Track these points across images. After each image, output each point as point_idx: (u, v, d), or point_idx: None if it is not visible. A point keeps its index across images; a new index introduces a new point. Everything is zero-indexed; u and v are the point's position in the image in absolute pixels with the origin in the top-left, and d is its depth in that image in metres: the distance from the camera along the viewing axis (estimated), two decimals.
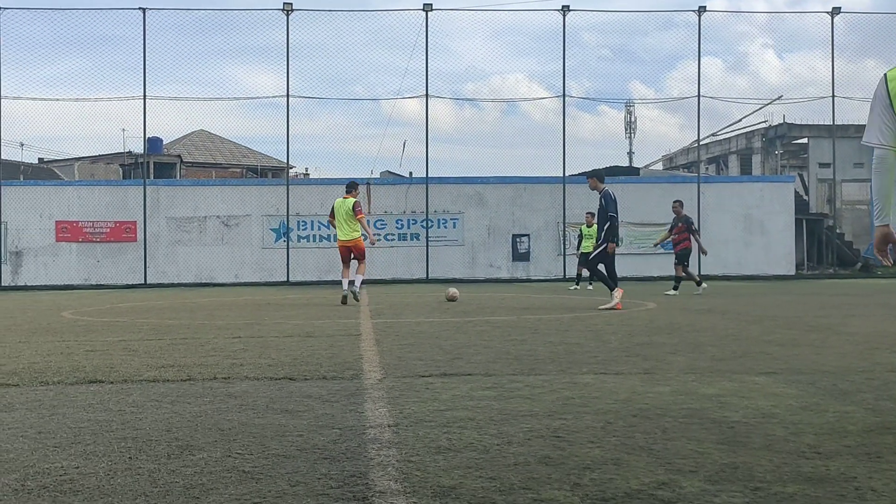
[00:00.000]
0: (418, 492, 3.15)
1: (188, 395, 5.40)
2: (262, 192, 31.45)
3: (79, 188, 31.85)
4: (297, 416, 4.64)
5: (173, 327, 10.80)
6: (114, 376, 6.25)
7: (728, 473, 3.36)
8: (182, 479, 3.39)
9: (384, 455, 3.71)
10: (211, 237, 30.61)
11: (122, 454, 3.82)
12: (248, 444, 3.96)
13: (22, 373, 6.50)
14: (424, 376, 6.05)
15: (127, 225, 30.42)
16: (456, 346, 7.99)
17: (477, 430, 4.21)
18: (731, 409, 4.70)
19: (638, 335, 9.00)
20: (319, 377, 6.07)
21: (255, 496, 3.13)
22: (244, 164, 49.36)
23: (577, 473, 3.38)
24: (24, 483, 3.35)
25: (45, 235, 30.22)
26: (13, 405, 5.12)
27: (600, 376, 5.99)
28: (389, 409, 4.77)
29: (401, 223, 30.97)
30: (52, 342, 8.97)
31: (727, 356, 7.04)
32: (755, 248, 31.56)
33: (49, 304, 17.46)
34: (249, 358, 7.25)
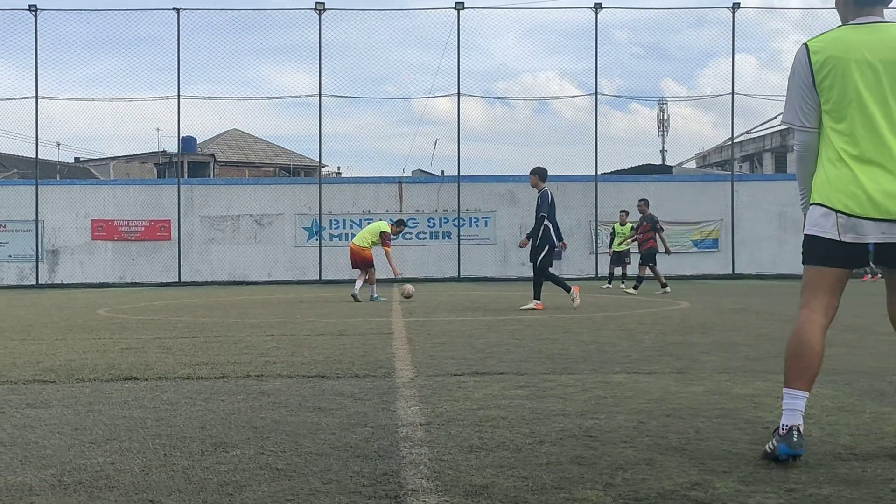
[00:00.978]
0: (450, 490, 3.15)
1: (222, 392, 5.44)
2: (295, 191, 31.57)
3: (114, 187, 32.16)
4: (330, 414, 4.66)
5: (207, 325, 10.88)
6: (148, 374, 6.30)
7: (762, 474, 3.34)
8: (216, 475, 3.41)
9: (416, 453, 3.72)
10: (244, 236, 30.78)
11: (156, 451, 3.85)
12: (282, 442, 3.98)
13: (59, 370, 6.58)
14: (456, 375, 6.05)
15: (161, 224, 30.67)
16: (488, 345, 7.98)
17: (509, 429, 4.21)
18: (765, 409, 4.66)
19: (671, 334, 8.94)
20: (352, 375, 6.09)
21: (287, 494, 3.15)
22: (277, 164, 49.62)
23: (609, 473, 3.37)
24: (60, 479, 3.40)
25: (81, 234, 30.54)
26: (50, 402, 5.18)
27: (633, 376, 5.96)
28: (421, 408, 4.78)
29: (432, 222, 30.97)
30: (87, 339, 9.07)
31: (761, 356, 6.98)
32: (790, 247, 31.18)
33: (85, 302, 17.66)
34: (282, 356, 7.28)
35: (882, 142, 3.60)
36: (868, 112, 3.63)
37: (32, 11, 29.43)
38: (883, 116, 3.63)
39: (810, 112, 3.75)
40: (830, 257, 3.68)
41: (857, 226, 3.58)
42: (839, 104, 3.67)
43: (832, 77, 3.67)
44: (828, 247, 3.67)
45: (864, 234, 3.58)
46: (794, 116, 3.81)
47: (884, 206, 3.54)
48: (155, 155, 44.69)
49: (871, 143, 3.61)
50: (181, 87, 30.03)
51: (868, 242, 3.60)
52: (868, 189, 3.56)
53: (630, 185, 31.42)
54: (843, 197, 3.61)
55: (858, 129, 3.63)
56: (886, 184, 3.56)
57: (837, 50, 3.68)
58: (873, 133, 3.61)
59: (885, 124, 3.62)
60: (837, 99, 3.67)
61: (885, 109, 3.63)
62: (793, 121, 3.81)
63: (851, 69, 3.65)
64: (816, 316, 3.68)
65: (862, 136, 3.62)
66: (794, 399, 3.57)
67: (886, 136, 3.61)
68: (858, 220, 3.56)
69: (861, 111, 3.63)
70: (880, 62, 3.64)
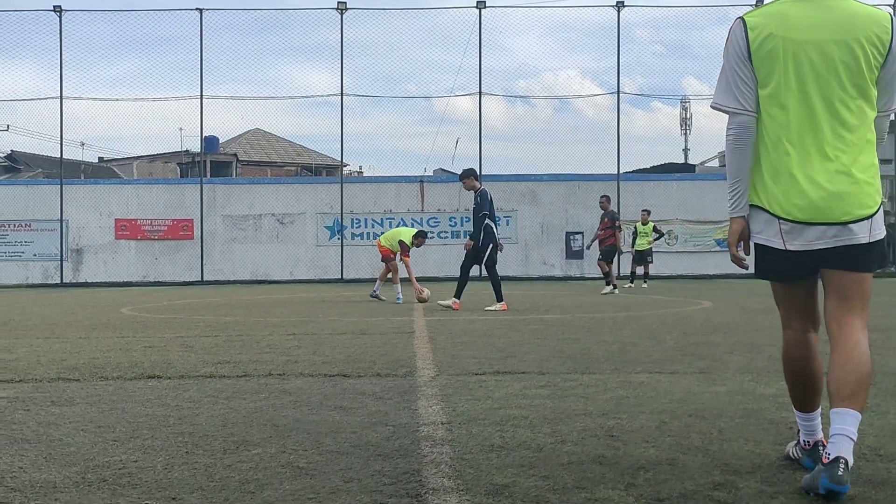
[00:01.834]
0: (471, 489, 3.14)
1: (244, 391, 5.46)
2: (317, 191, 31.66)
3: (137, 187, 32.38)
4: (351, 412, 4.67)
5: (229, 324, 10.93)
6: (171, 372, 6.34)
7: (786, 475, 3.31)
8: (238, 473, 3.42)
9: (437, 452, 3.72)
10: (266, 235, 30.90)
11: (179, 449, 3.87)
12: (303, 441, 3.99)
13: (82, 368, 6.63)
14: (478, 374, 6.05)
15: (184, 223, 30.83)
16: (509, 345, 7.97)
17: (530, 428, 4.20)
18: (789, 409, 4.60)
19: (694, 334, 8.90)
20: (373, 374, 6.10)
21: (309, 492, 3.15)
22: (299, 163, 49.74)
23: (631, 473, 3.35)
24: (84, 476, 3.42)
25: (105, 233, 30.75)
26: (74, 399, 5.22)
27: (655, 376, 5.93)
28: (443, 407, 4.78)
29: (454, 221, 30.96)
30: (111, 338, 9.13)
31: None
32: None
33: (108, 301, 17.77)
34: (304, 355, 7.30)
35: (822, 136, 3.20)
36: (809, 102, 3.21)
37: (57, 12, 29.66)
38: (825, 107, 3.21)
39: (748, 93, 3.29)
40: (782, 269, 3.32)
41: (803, 232, 3.20)
42: (777, 90, 3.24)
43: (770, 59, 3.23)
44: (777, 257, 3.30)
45: (812, 241, 3.20)
46: (729, 98, 3.32)
47: (828, 209, 3.16)
48: (178, 154, 44.92)
49: (812, 137, 3.21)
50: (204, 86, 30.19)
51: (817, 249, 3.21)
52: (810, 191, 3.17)
53: (652, 184, 31.32)
54: (784, 201, 3.21)
55: (798, 120, 3.21)
56: (829, 184, 3.16)
57: (778, 27, 3.23)
58: (813, 125, 3.21)
59: (826, 116, 3.21)
60: (775, 84, 3.24)
61: (827, 99, 3.21)
62: (726, 102, 3.33)
63: (792, 50, 3.21)
64: (800, 334, 3.39)
65: (802, 128, 3.21)
66: (808, 420, 3.42)
67: (826, 130, 3.20)
68: (804, 226, 3.19)
69: (802, 100, 3.21)
70: (825, 43, 3.20)
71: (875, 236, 3.21)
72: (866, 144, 3.23)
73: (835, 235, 3.18)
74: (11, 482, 3.34)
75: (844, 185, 3.17)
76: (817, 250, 3.22)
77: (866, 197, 3.19)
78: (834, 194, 3.16)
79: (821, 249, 3.22)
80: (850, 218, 3.17)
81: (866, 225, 3.20)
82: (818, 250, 3.22)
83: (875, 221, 3.21)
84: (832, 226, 3.17)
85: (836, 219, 3.17)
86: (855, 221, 3.18)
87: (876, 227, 3.22)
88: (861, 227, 3.19)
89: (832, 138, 3.19)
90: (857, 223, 3.18)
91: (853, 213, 3.17)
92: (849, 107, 3.21)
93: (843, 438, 2.98)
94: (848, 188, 3.17)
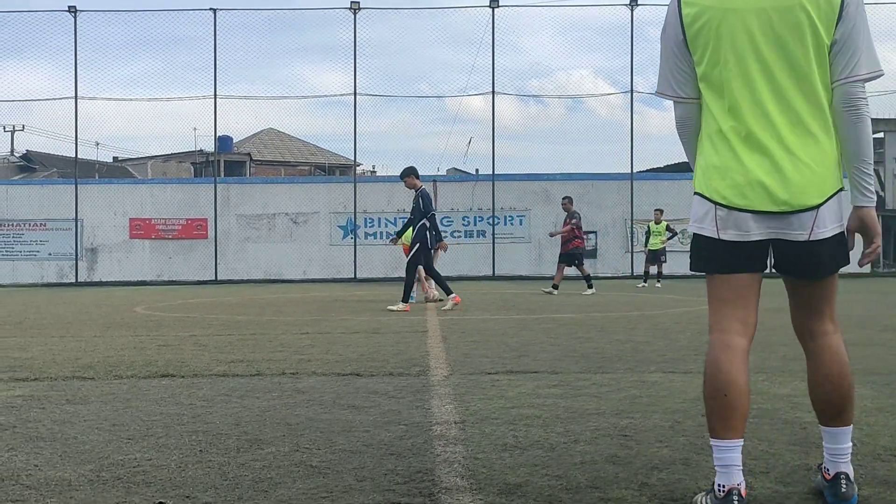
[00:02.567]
0: (484, 489, 3.14)
1: (257, 389, 5.47)
2: (330, 190, 31.69)
3: (151, 186, 32.49)
4: (364, 411, 4.67)
5: (242, 323, 10.96)
6: (185, 371, 6.36)
7: (800, 475, 3.30)
8: (251, 472, 3.43)
9: (450, 452, 3.72)
10: (280, 234, 30.95)
11: (192, 447, 3.88)
12: (316, 439, 4.00)
13: (97, 366, 6.66)
14: (491, 373, 6.05)
15: (198, 222, 30.92)
16: (522, 344, 7.96)
17: (543, 427, 4.19)
18: (803, 409, 4.59)
19: (707, 333, 8.87)
20: (386, 373, 6.10)
21: (322, 490, 3.16)
22: (312, 162, 49.83)
23: (644, 473, 3.35)
24: (99, 474, 3.43)
25: (120, 232, 30.86)
26: (89, 398, 5.24)
27: (668, 375, 5.91)
28: (455, 406, 4.78)
29: (467, 220, 30.96)
30: (125, 337, 9.17)
31: (799, 356, 6.84)
32: None
33: (123, 300, 17.84)
34: (317, 354, 7.31)
35: (766, 116, 2.86)
36: (750, 78, 2.87)
37: (72, 13, 29.77)
38: (767, 83, 2.87)
39: (685, 79, 3.01)
40: (715, 261, 2.96)
41: (738, 220, 2.87)
42: (715, 68, 2.91)
43: (705, 34, 2.91)
44: (710, 248, 2.96)
45: (748, 231, 2.86)
46: (667, 86, 3.05)
47: (767, 196, 2.83)
48: (192, 154, 45.06)
49: (755, 117, 2.87)
50: (218, 86, 30.23)
51: (752, 240, 2.88)
52: (750, 175, 2.84)
53: (666, 183, 31.19)
54: (722, 185, 2.89)
55: (739, 99, 2.88)
56: (770, 169, 2.83)
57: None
58: (756, 104, 2.87)
59: (769, 94, 2.87)
60: (712, 61, 2.92)
61: (768, 75, 2.86)
62: (665, 90, 3.07)
63: (730, 23, 2.88)
64: (731, 338, 2.98)
65: (744, 108, 2.88)
66: (725, 451, 2.86)
67: (770, 109, 2.86)
68: (740, 214, 2.86)
69: (742, 77, 2.87)
70: (767, 11, 2.85)
71: (819, 234, 2.83)
72: (816, 123, 2.85)
73: (772, 227, 2.84)
74: (27, 480, 3.36)
75: (788, 170, 2.82)
76: (754, 243, 2.88)
77: (812, 185, 2.81)
78: (775, 179, 2.82)
79: (758, 242, 2.88)
80: (789, 208, 2.82)
81: (808, 218, 2.82)
82: (755, 243, 2.89)
83: (823, 215, 2.82)
84: (770, 215, 2.83)
85: (775, 207, 2.82)
86: (795, 212, 2.82)
87: (823, 221, 2.83)
88: (803, 220, 2.82)
89: (777, 117, 2.85)
90: (798, 214, 2.82)
91: (794, 202, 2.81)
92: (797, 81, 2.85)
93: (838, 454, 2.97)
94: (792, 174, 2.82)
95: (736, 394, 2.88)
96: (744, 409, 2.90)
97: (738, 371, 2.92)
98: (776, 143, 2.84)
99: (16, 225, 30.61)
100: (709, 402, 2.93)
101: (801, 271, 2.96)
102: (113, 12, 45.82)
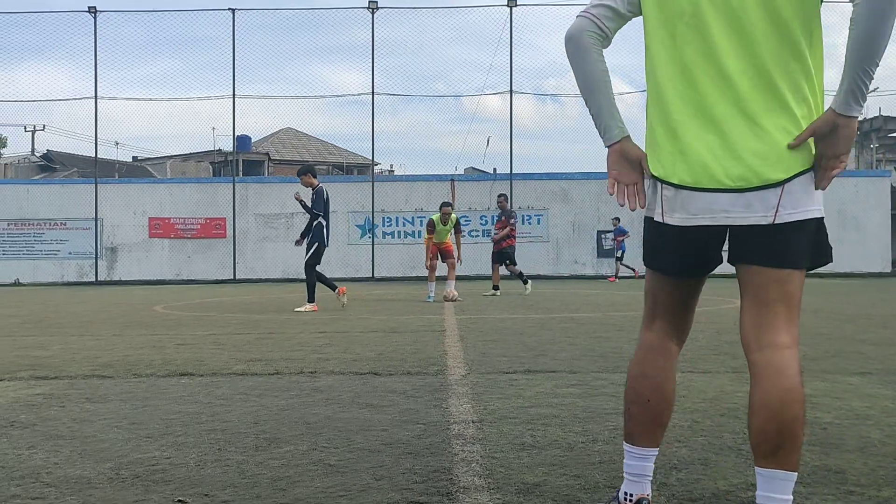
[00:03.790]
0: (502, 488, 3.14)
1: (275, 388, 5.49)
2: (348, 189, 31.75)
3: (170, 186, 32.65)
4: (382, 410, 4.67)
5: (260, 322, 10.99)
6: (203, 369, 6.38)
7: (820, 476, 3.27)
8: (269, 471, 3.44)
9: (468, 451, 3.71)
10: (298, 233, 31.04)
11: (211, 445, 3.89)
12: (334, 438, 4.00)
13: (116, 365, 6.69)
14: (508, 373, 6.03)
15: (217, 221, 31.05)
16: (540, 343, 7.94)
17: (561, 427, 4.18)
18: (823, 409, 4.57)
19: (726, 333, 8.82)
20: (404, 372, 6.10)
21: (340, 489, 3.16)
22: (330, 162, 49.92)
23: (663, 473, 3.33)
24: (118, 472, 3.45)
25: (139, 232, 31.04)
26: (108, 396, 5.27)
27: (687, 374, 5.89)
28: (473, 406, 4.77)
29: (485, 219, 30.94)
30: (144, 335, 9.21)
31: (819, 356, 6.85)
32: (849, 245, 30.67)
33: (142, 299, 17.93)
34: (334, 353, 7.32)
35: (725, 77, 2.41)
36: (707, 33, 2.43)
37: (92, 13, 29.96)
38: (726, 37, 2.41)
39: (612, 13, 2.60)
40: (664, 255, 2.59)
41: (687, 201, 2.45)
42: (664, 18, 2.52)
43: None
44: (655, 234, 2.58)
45: (696, 214, 2.43)
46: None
47: (721, 169, 2.39)
48: (210, 153, 45.26)
49: (710, 78, 2.43)
50: (236, 86, 30.38)
51: (701, 225, 2.44)
52: (699, 145, 2.42)
53: None
54: (668, 158, 2.48)
55: (692, 56, 2.45)
56: (725, 136, 2.40)
57: None
58: (712, 64, 2.43)
59: (729, 50, 2.41)
60: (659, 6, 2.53)
61: (731, 26, 2.41)
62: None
63: None
64: (663, 340, 2.67)
65: (697, 67, 2.45)
66: (639, 460, 2.62)
67: (731, 70, 2.40)
68: (688, 193, 2.44)
69: (696, 30, 2.45)
70: None
71: (786, 216, 2.38)
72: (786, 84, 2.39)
73: (726, 209, 2.40)
74: (47, 477, 3.38)
75: (747, 138, 2.38)
76: (707, 231, 2.46)
77: (776, 157, 2.36)
78: (730, 150, 2.39)
79: (711, 231, 2.46)
80: (746, 184, 2.37)
81: (773, 197, 2.37)
82: (708, 232, 2.46)
83: (791, 195, 2.38)
84: (723, 193, 2.40)
85: (731, 183, 2.38)
86: (755, 189, 2.37)
87: (792, 202, 2.38)
88: (765, 199, 2.38)
89: (739, 79, 2.41)
90: (760, 192, 2.37)
91: (752, 178, 2.37)
92: (760, 25, 2.39)
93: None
94: (752, 142, 2.38)
95: (660, 401, 2.60)
96: (665, 418, 2.62)
97: (665, 377, 2.62)
98: (734, 109, 2.40)
99: (36, 224, 30.84)
100: (629, 406, 2.64)
101: (761, 255, 2.43)
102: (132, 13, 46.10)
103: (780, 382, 2.37)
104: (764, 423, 2.37)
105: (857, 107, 2.33)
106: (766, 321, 2.44)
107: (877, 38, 2.26)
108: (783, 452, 2.34)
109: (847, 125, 2.34)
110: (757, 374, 2.44)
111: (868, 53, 2.28)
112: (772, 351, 2.42)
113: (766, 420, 2.37)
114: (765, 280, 2.44)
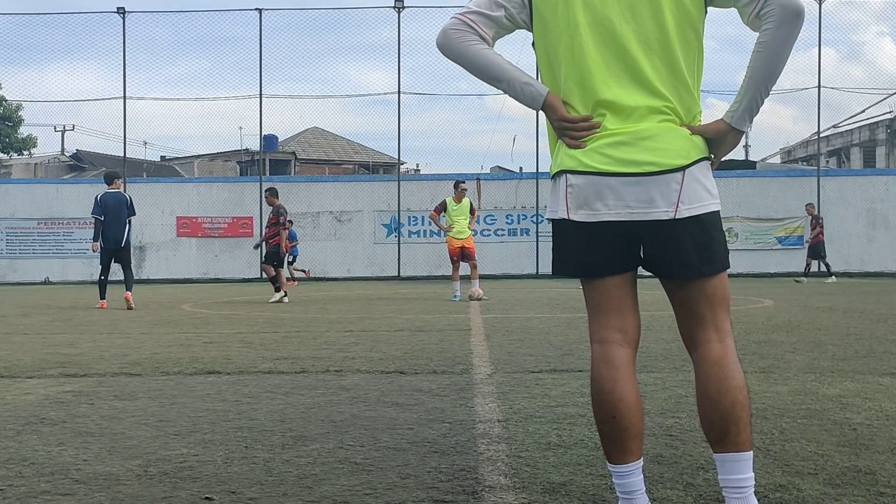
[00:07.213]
0: (528, 487, 3.13)
1: (301, 386, 5.50)
2: (374, 188, 31.81)
3: (198, 185, 32.85)
4: (408, 409, 4.68)
5: (287, 320, 11.03)
6: (230, 367, 6.41)
7: (850, 477, 3.24)
8: (296, 468, 3.45)
9: (494, 450, 3.71)
10: (324, 232, 31.13)
11: (238, 443, 3.91)
12: (360, 437, 4.01)
13: (144, 363, 6.74)
14: (534, 372, 6.02)
15: (244, 220, 31.20)
16: (566, 342, 7.92)
17: (587, 426, 4.17)
18: (853, 410, 4.52)
19: (755, 333, 8.76)
20: (430, 371, 6.10)
21: (366, 488, 3.16)
22: (356, 161, 50.04)
23: (690, 473, 3.31)
24: (146, 469, 3.47)
25: (167, 231, 31.25)
26: (136, 394, 5.31)
27: None
28: (499, 405, 4.77)
29: (511, 218, 30.90)
30: (172, 333, 9.27)
31: (850, 356, 6.79)
32: (880, 244, 30.35)
33: (170, 297, 18.05)
34: (361, 351, 7.34)
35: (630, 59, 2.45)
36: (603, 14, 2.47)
37: (121, 14, 30.18)
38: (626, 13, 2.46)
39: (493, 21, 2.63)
40: (575, 258, 2.54)
41: (588, 194, 2.43)
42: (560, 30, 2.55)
43: None
44: (563, 235, 2.55)
45: (599, 209, 2.42)
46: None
47: (621, 157, 2.40)
48: (238, 153, 45.48)
49: (616, 58, 2.45)
50: (263, 86, 30.49)
51: (611, 220, 2.43)
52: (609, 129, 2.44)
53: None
54: (567, 149, 2.49)
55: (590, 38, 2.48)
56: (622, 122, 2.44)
57: None
58: (614, 44, 2.46)
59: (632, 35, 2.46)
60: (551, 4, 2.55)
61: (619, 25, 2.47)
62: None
63: None
64: (611, 349, 2.57)
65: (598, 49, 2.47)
66: (625, 477, 2.54)
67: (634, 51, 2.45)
68: (594, 182, 2.42)
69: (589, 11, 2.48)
70: None
71: (684, 211, 2.41)
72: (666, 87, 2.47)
73: (631, 202, 2.41)
74: (76, 474, 3.41)
75: (646, 121, 2.43)
76: (614, 228, 2.45)
77: (674, 144, 2.42)
78: (626, 135, 2.42)
79: (619, 228, 2.44)
80: (655, 168, 2.39)
81: (674, 184, 2.40)
82: (616, 229, 2.45)
83: (689, 185, 2.41)
84: (621, 178, 2.39)
85: (635, 168, 2.39)
86: (659, 173, 2.39)
87: (689, 195, 2.41)
88: (666, 188, 2.40)
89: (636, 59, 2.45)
90: (662, 177, 2.39)
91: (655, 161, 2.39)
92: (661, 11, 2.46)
93: (729, 487, 2.49)
94: (650, 124, 2.42)
95: (625, 413, 2.50)
96: (637, 428, 2.53)
97: (623, 388, 2.53)
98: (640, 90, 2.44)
99: (66, 223, 31.14)
100: (599, 427, 2.56)
101: (665, 267, 2.51)
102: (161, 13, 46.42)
103: (715, 373, 2.49)
104: (707, 413, 2.50)
105: (751, 123, 2.52)
106: (693, 322, 2.57)
107: (782, 61, 2.42)
108: (730, 436, 2.47)
109: (736, 137, 2.53)
110: (696, 369, 2.56)
111: (772, 75, 2.44)
112: (704, 346, 2.54)
113: (709, 409, 2.49)
114: (679, 289, 2.57)
